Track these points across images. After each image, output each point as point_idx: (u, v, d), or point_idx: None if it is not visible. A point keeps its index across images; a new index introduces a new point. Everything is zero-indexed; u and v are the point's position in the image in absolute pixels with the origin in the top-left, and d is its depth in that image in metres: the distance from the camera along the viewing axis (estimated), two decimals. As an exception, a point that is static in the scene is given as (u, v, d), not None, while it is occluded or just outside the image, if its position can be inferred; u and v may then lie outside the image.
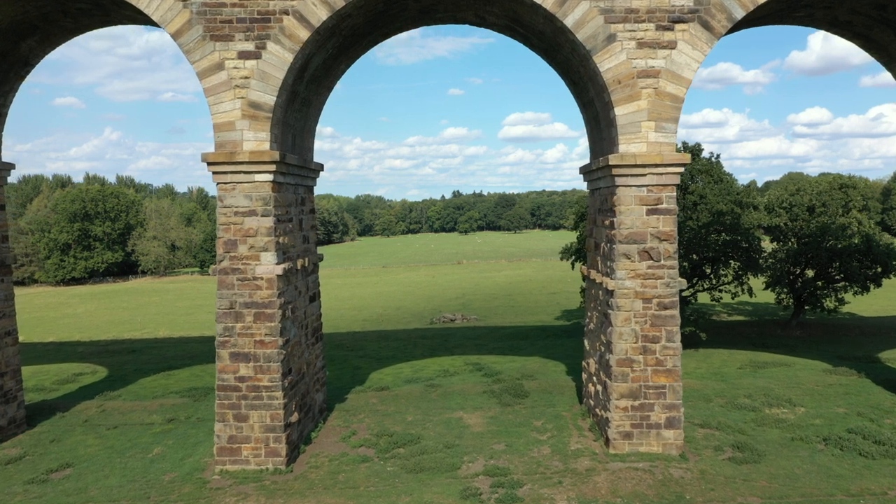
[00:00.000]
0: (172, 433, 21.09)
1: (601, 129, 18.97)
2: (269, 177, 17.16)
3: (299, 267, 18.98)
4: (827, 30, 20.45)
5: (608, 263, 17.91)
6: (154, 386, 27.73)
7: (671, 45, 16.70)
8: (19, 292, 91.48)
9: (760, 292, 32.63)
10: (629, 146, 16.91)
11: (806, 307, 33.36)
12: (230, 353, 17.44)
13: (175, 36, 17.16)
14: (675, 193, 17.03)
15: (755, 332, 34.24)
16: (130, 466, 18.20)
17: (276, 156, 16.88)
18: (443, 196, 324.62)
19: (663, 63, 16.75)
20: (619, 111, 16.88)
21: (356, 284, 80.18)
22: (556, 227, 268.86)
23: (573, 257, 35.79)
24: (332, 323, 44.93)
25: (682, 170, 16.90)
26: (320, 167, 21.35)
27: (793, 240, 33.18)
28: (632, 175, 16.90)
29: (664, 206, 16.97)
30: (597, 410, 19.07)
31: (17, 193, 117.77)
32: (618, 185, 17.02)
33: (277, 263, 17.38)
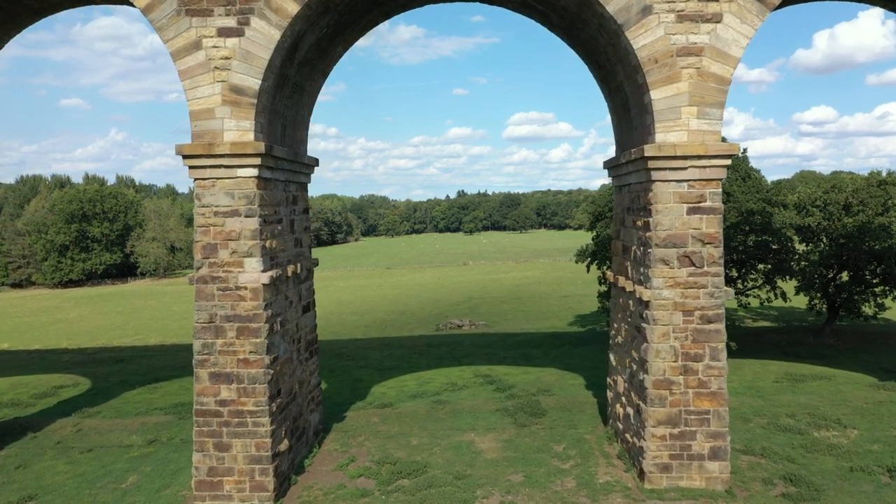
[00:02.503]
0: (152, 458, 18.97)
1: (631, 117, 16.74)
2: (254, 171, 14.99)
3: (290, 274, 16.80)
4: (883, 6, 18.13)
5: (641, 270, 15.67)
6: (138, 401, 25.60)
7: (716, 19, 14.45)
8: (16, 295, 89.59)
9: (781, 295, 30.28)
10: (667, 135, 14.68)
11: (841, 313, 30.99)
12: (210, 374, 15.27)
13: (145, 11, 15.01)
14: (720, 189, 14.79)
15: (785, 340, 31.90)
16: (100, 501, 16.05)
17: (262, 147, 14.71)
18: (447, 196, 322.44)
19: (707, 39, 14.50)
20: (656, 95, 14.65)
21: (359, 287, 77.98)
22: (561, 227, 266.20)
23: (588, 259, 33.50)
24: (332, 329, 42.79)
25: (728, 162, 14.66)
26: (315, 162, 19.18)
27: (824, 240, 30.84)
28: (670, 168, 14.66)
29: (707, 203, 14.72)
30: (627, 436, 16.82)
31: (14, 194, 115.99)
32: (654, 181, 14.78)
33: (264, 270, 15.21)
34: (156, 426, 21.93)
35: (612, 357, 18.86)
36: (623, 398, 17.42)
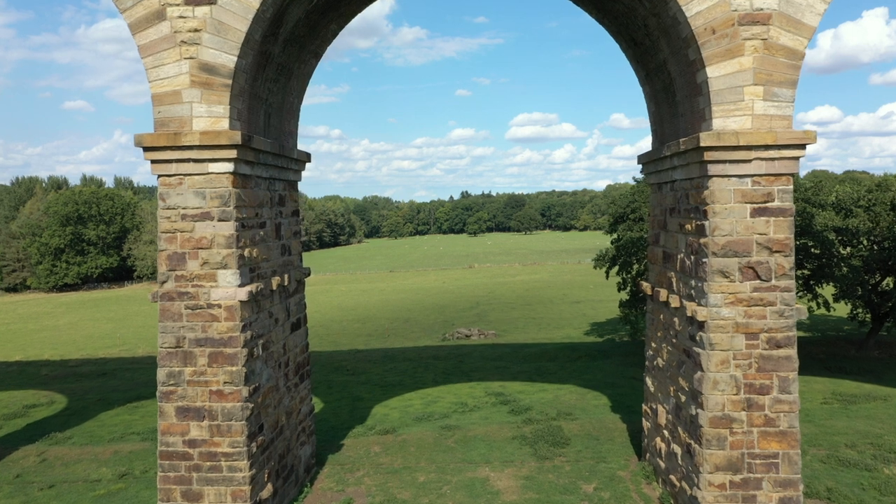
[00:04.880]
0: (120, 496, 16.51)
1: (676, 102, 14.20)
2: (229, 166, 12.51)
3: (275, 287, 14.30)
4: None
5: (692, 283, 13.11)
6: (114, 423, 23.15)
7: (787, -21, 11.91)
8: (9, 299, 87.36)
9: (823, 304, 27.72)
10: (726, 120, 12.13)
11: (886, 323, 28.38)
12: (177, 408, 12.78)
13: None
14: (790, 186, 12.24)
15: (824, 353, 29.29)
16: (49, 556, 13.57)
17: (238, 137, 12.22)
18: (451, 197, 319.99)
19: (775, 4, 11.95)
20: (713, 72, 12.10)
21: (361, 291, 75.51)
22: (567, 228, 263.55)
23: (608, 265, 30.95)
24: (332, 338, 40.31)
25: (803, 153, 12.11)
26: (306, 157, 16.71)
27: (865, 243, 28.26)
28: (731, 161, 12.12)
29: (776, 203, 12.18)
30: (672, 478, 14.26)
31: (10, 196, 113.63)
32: (711, 176, 12.23)
33: (241, 284, 12.71)
34: (130, 456, 19.46)
35: (649, 381, 16.31)
36: (665, 432, 14.86)
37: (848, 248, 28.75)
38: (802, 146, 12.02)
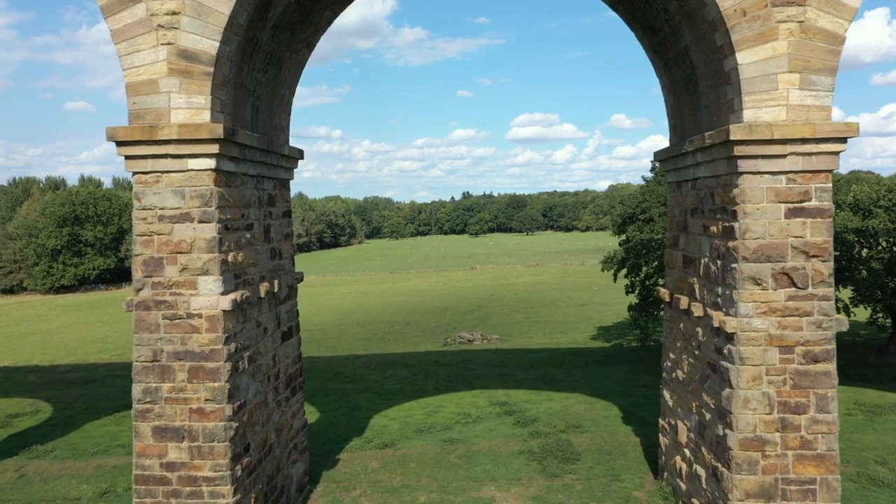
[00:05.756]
0: (99, 517, 15.39)
1: (699, 93, 13.06)
2: (211, 162, 11.39)
3: (263, 294, 13.17)
4: None
5: (719, 290, 11.97)
6: (100, 434, 22.05)
7: (825, -45, 10.78)
8: (5, 301, 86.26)
9: (843, 309, 26.58)
10: (758, 111, 10.99)
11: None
12: (154, 428, 11.65)
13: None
14: (829, 184, 11.11)
15: (842, 359, 27.78)
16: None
17: (220, 131, 11.10)
18: (452, 197, 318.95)
19: (813, -17, 10.82)
20: (743, 58, 10.96)
21: (361, 293, 74.33)
22: (569, 229, 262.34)
23: (616, 268, 29.79)
24: (331, 343, 39.19)
25: (843, 147, 10.98)
26: (298, 154, 15.59)
27: (884, 244, 27.11)
28: (763, 156, 10.98)
29: (813, 203, 11.04)
30: (695, 502, 13.12)
31: (6, 197, 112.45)
32: (741, 172, 11.09)
33: (224, 292, 11.59)
34: (113, 471, 18.34)
35: (667, 395, 15.16)
36: (687, 451, 13.71)
37: (867, 250, 27.61)
38: (843, 139, 10.89)
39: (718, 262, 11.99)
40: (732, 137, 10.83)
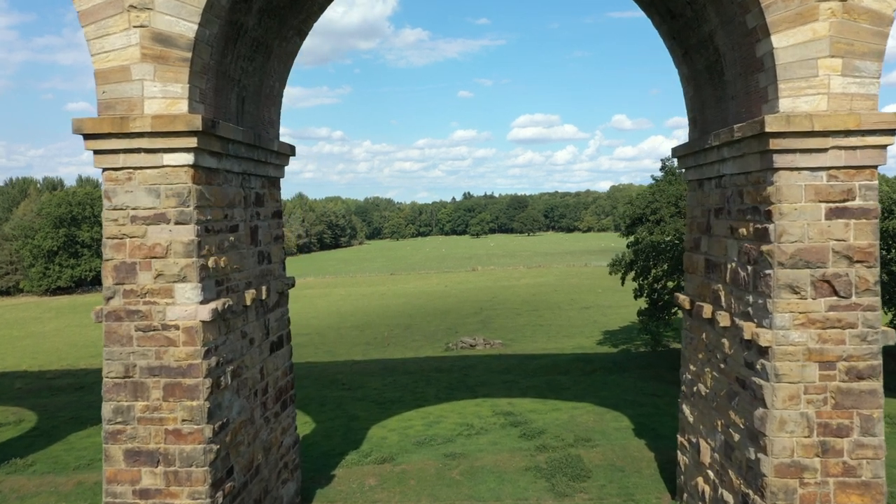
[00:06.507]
0: (75, 540, 14.29)
1: (724, 82, 11.96)
2: (188, 157, 10.30)
3: (249, 301, 12.08)
4: None
5: (749, 298, 10.86)
6: (84, 447, 20.91)
7: (872, -74, 9.68)
8: (1, 303, 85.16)
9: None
10: (796, 101, 9.89)
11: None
12: (126, 451, 10.56)
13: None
14: (875, 182, 10.01)
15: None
16: None
17: (199, 122, 10.02)
18: (453, 198, 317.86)
19: (857, -43, 9.72)
20: (780, 41, 9.86)
21: (361, 295, 73.20)
22: (570, 230, 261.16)
23: (623, 271, 28.69)
24: (328, 347, 38.10)
25: (892, 140, 9.88)
26: (289, 150, 14.51)
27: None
28: (801, 150, 9.88)
29: (857, 203, 9.93)
30: (721, 530, 12.00)
31: (3, 197, 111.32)
32: (777, 168, 9.98)
33: (204, 301, 10.50)
34: (94, 488, 17.21)
35: (687, 410, 14.05)
36: (710, 472, 12.60)
37: (884, 252, 26.46)
38: (892, 132, 9.78)
39: (749, 268, 10.88)
40: (768, 129, 9.72)
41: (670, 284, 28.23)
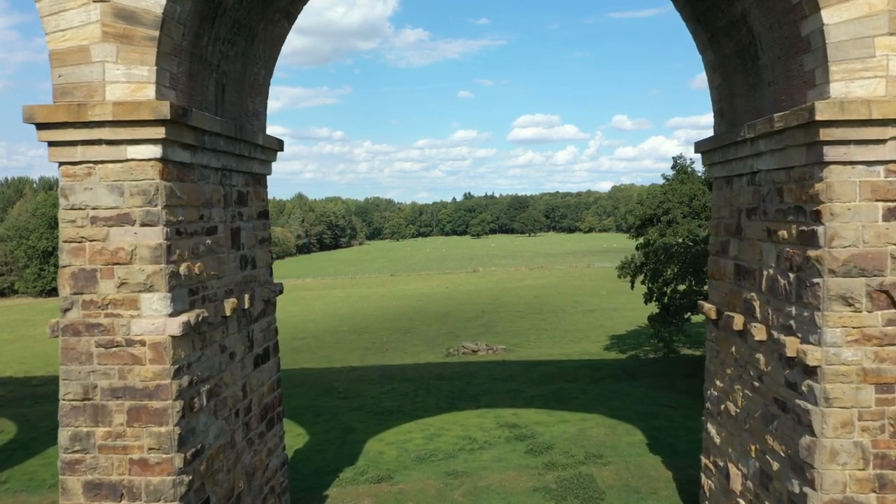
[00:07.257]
0: (43, 570, 13.04)
1: (758, 67, 10.71)
2: (156, 150, 9.06)
3: (229, 311, 10.83)
4: None
5: (791, 310, 9.60)
6: (62, 462, 19.64)
7: None
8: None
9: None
10: (850, 85, 8.64)
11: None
12: (85, 484, 9.31)
13: None
14: (940, 177, 8.72)
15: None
16: None
17: (167, 110, 8.76)
18: (453, 198, 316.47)
19: (920, -80, 8.46)
20: (830, 17, 8.61)
21: (360, 297, 71.91)
22: (571, 230, 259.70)
23: (633, 275, 27.43)
24: (325, 353, 36.85)
25: (961, 130, 8.60)
26: (276, 145, 13.27)
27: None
28: (856, 141, 8.62)
29: (920, 202, 8.66)
30: (755, 568, 10.74)
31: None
32: (828, 162, 8.72)
33: (174, 313, 9.25)
34: (69, 509, 15.97)
35: (713, 430, 12.79)
36: (742, 501, 11.34)
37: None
38: (961, 120, 8.51)
39: (791, 276, 9.61)
40: (818, 117, 8.46)
41: (681, 287, 26.98)
